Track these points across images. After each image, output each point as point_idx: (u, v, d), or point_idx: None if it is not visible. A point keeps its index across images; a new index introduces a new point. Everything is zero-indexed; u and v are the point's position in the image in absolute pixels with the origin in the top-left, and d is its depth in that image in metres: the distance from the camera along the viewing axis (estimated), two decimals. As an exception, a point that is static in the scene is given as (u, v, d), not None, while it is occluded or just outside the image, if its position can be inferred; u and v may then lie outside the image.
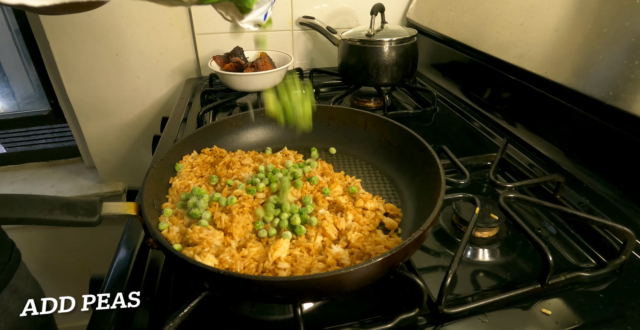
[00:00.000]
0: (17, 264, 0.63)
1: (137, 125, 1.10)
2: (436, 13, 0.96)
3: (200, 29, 0.99)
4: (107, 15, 0.93)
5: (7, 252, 0.61)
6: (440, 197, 0.40)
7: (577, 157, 0.58)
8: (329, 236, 0.43)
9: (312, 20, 0.98)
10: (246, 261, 0.39)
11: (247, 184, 0.50)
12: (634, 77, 0.48)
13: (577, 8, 0.60)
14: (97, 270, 0.48)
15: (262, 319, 0.40)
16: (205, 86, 0.97)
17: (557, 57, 0.60)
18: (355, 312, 0.40)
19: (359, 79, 0.86)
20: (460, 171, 0.54)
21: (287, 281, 0.32)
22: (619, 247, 0.44)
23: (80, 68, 0.97)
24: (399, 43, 0.82)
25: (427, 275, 0.43)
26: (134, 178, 1.17)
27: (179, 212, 0.47)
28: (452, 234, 0.50)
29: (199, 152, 0.57)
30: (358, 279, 0.34)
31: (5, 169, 1.21)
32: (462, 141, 0.73)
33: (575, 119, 0.58)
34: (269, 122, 0.62)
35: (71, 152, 1.22)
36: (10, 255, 0.62)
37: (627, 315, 0.38)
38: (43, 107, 1.18)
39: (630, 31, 0.50)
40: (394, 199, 0.51)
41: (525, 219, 0.52)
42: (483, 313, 0.38)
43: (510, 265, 0.45)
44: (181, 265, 0.38)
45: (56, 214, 0.36)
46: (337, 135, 0.62)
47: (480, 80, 0.81)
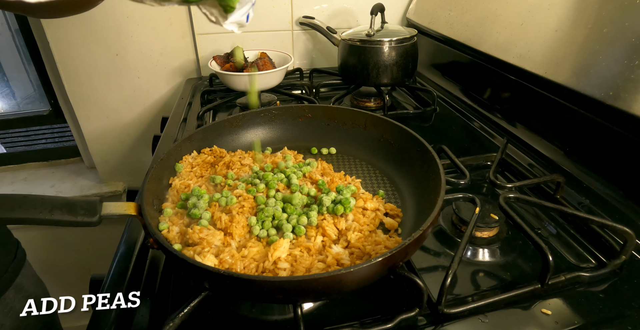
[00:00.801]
0: (22, 262, 0.63)
1: (137, 125, 1.10)
2: (436, 13, 0.96)
3: (200, 29, 0.99)
4: (107, 15, 0.93)
5: (12, 251, 0.61)
6: (440, 197, 0.40)
7: (577, 157, 0.58)
8: (329, 236, 0.43)
9: (312, 20, 0.98)
10: (246, 261, 0.39)
11: (247, 184, 0.50)
12: (634, 77, 0.48)
13: (577, 8, 0.60)
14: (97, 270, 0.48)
15: (262, 319, 0.40)
16: (205, 86, 0.97)
17: (557, 57, 0.60)
18: (355, 312, 0.40)
19: (359, 79, 0.86)
20: (460, 171, 0.54)
21: (287, 281, 0.32)
22: (619, 247, 0.44)
23: (80, 68, 0.97)
24: (399, 43, 0.82)
25: (427, 275, 0.43)
26: (134, 178, 1.17)
27: (179, 212, 0.47)
28: (452, 234, 0.50)
29: (199, 152, 0.57)
30: (358, 279, 0.34)
31: (5, 169, 1.21)
32: (462, 141, 0.73)
33: (575, 119, 0.58)
34: (269, 122, 0.62)
35: (71, 152, 1.22)
36: (16, 254, 0.62)
37: (627, 315, 0.38)
38: (43, 107, 1.18)
39: (630, 31, 0.50)
40: (394, 199, 0.51)
41: (525, 219, 0.52)
42: (483, 313, 0.38)
43: (510, 265, 0.45)
44: (181, 265, 0.38)
45: (56, 214, 0.36)
46: (337, 135, 0.62)
47: (480, 80, 0.81)
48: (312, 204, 0.48)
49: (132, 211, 0.39)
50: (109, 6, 0.92)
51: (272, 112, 0.62)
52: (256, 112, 0.61)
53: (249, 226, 0.44)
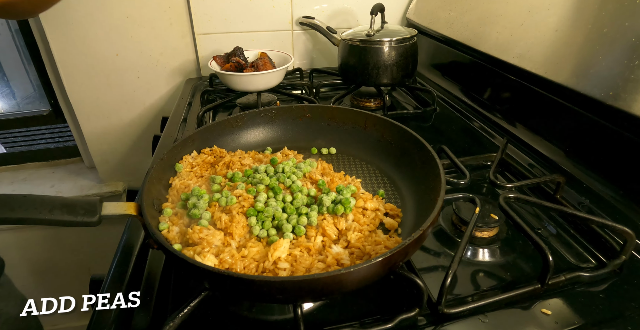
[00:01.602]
0: None
1: (137, 125, 1.10)
2: (436, 13, 0.96)
3: (200, 29, 0.99)
4: (107, 15, 0.93)
5: None
6: (440, 197, 0.40)
7: (577, 157, 0.58)
8: (329, 236, 0.43)
9: (312, 20, 0.98)
10: (246, 261, 0.39)
11: (247, 184, 0.50)
12: (634, 77, 0.48)
13: (577, 8, 0.60)
14: (97, 270, 0.49)
15: (262, 319, 0.40)
16: (205, 86, 0.97)
17: (557, 57, 0.60)
18: (355, 312, 0.40)
19: (359, 79, 0.86)
20: (460, 171, 0.54)
21: (287, 281, 0.32)
22: (619, 247, 0.44)
23: (80, 68, 0.97)
24: (399, 43, 0.82)
25: (427, 275, 0.43)
26: (134, 178, 1.17)
27: (179, 212, 0.47)
28: (452, 234, 0.50)
29: (199, 152, 0.56)
30: (358, 279, 0.34)
31: (5, 169, 1.21)
32: (462, 141, 0.73)
33: (575, 119, 0.58)
34: (269, 122, 0.62)
35: (71, 152, 1.22)
36: None
37: (627, 315, 0.38)
38: (43, 107, 1.18)
39: (630, 31, 0.50)
40: (394, 199, 0.51)
41: (525, 219, 0.52)
42: (483, 313, 0.38)
43: (510, 265, 0.45)
44: (181, 265, 0.38)
45: (56, 214, 0.35)
46: (337, 135, 0.62)
47: (480, 80, 0.81)
48: (312, 204, 0.48)
49: (132, 211, 0.39)
50: (109, 6, 0.92)
51: (272, 112, 0.62)
52: (256, 112, 0.61)
53: (249, 226, 0.44)
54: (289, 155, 0.58)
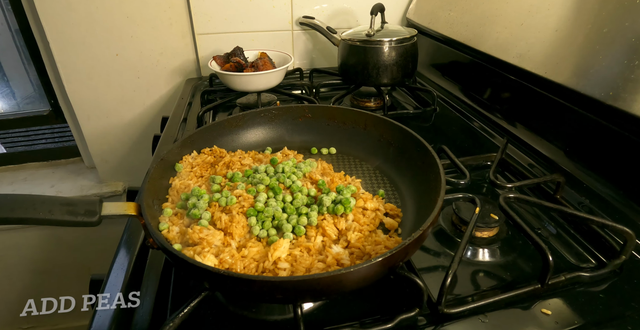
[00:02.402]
0: None
1: (137, 125, 1.10)
2: (436, 13, 0.96)
3: (200, 29, 0.99)
4: (107, 15, 0.93)
5: None
6: (440, 197, 0.40)
7: (577, 157, 0.58)
8: (329, 236, 0.43)
9: (312, 20, 0.98)
10: (246, 261, 0.39)
11: (247, 184, 0.50)
12: (634, 77, 0.48)
13: (577, 8, 0.60)
14: (97, 270, 0.48)
15: (262, 319, 0.40)
16: (205, 86, 0.97)
17: (557, 57, 0.60)
18: (355, 312, 0.40)
19: (359, 79, 0.86)
20: (460, 171, 0.54)
21: (287, 281, 0.32)
22: (619, 247, 0.44)
23: (80, 68, 0.97)
24: (399, 43, 0.82)
25: (427, 275, 0.43)
26: (134, 178, 1.17)
27: (179, 212, 0.47)
28: (452, 234, 0.50)
29: (199, 152, 0.56)
30: (358, 279, 0.34)
31: (5, 169, 1.21)
32: (462, 141, 0.73)
33: (575, 119, 0.58)
34: (269, 122, 0.62)
35: (71, 152, 1.22)
36: None
37: (627, 315, 0.38)
38: (43, 107, 1.18)
39: (630, 31, 0.50)
40: (394, 199, 0.51)
41: (525, 219, 0.52)
42: (483, 313, 0.38)
43: (510, 265, 0.45)
44: (181, 265, 0.38)
45: (56, 214, 0.35)
46: (337, 135, 0.62)
47: (480, 80, 0.81)
48: (312, 204, 0.48)
49: (132, 211, 0.39)
50: (109, 6, 0.92)
51: (272, 112, 0.62)
52: (256, 112, 0.61)
53: (249, 226, 0.44)
54: (289, 155, 0.58)
